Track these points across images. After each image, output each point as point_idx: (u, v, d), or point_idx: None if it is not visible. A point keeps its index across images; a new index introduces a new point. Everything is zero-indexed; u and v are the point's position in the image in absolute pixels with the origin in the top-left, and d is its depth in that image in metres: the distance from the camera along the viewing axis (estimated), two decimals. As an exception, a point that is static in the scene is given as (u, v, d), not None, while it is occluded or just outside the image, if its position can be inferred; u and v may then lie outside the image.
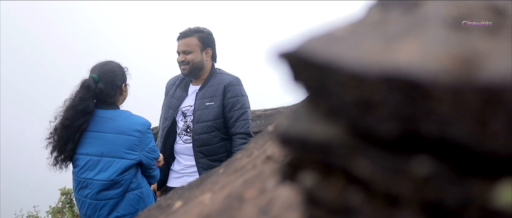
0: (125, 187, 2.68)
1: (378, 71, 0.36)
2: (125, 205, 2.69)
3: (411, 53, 0.37)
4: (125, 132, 2.67)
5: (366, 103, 0.38)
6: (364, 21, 0.49)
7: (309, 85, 0.42)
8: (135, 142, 2.67)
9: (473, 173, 0.36)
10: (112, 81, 2.76)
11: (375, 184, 0.41)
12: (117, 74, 2.79)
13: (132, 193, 2.71)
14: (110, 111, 2.75)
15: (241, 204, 0.84)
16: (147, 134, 2.72)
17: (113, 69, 2.80)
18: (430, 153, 0.37)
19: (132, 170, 2.69)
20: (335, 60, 0.38)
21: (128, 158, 2.65)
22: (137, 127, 2.69)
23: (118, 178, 2.64)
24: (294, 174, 0.49)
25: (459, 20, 0.44)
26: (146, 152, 2.71)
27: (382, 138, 0.39)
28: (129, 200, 2.70)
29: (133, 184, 2.71)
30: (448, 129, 0.35)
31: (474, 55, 0.35)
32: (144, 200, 2.74)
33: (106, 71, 2.78)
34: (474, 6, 0.48)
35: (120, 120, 2.72)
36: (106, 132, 2.68)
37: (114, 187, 2.66)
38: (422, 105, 0.35)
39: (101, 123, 2.70)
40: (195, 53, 3.11)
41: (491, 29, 0.42)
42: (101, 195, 2.66)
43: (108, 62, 2.85)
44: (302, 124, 0.45)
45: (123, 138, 2.66)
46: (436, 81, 0.34)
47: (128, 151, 2.66)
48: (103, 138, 2.67)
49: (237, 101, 3.03)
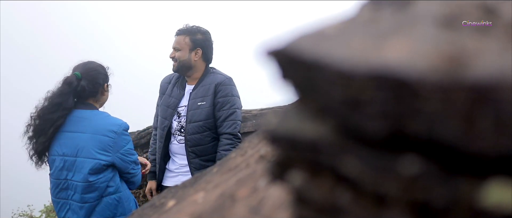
0: (101, 191, 2.61)
1: (366, 69, 0.36)
2: (103, 209, 2.63)
3: (400, 52, 0.36)
4: (100, 132, 2.60)
5: (354, 102, 0.38)
6: (355, 20, 0.49)
7: (297, 83, 0.42)
8: (109, 143, 2.60)
9: (461, 172, 0.36)
10: (95, 79, 2.73)
11: (363, 183, 0.41)
12: (100, 73, 2.77)
13: (110, 197, 2.64)
14: (88, 111, 2.69)
15: (233, 203, 0.83)
16: (123, 135, 2.66)
17: (96, 68, 2.78)
18: (418, 152, 0.37)
19: (107, 172, 2.62)
20: (323, 58, 0.38)
21: (99, 159, 2.58)
22: (112, 127, 2.63)
23: (92, 180, 2.57)
24: (283, 173, 0.49)
25: (450, 19, 0.43)
26: (120, 154, 2.64)
27: (370, 136, 0.38)
28: (107, 204, 2.64)
29: (111, 188, 2.64)
30: (435, 128, 0.34)
31: (463, 54, 0.35)
32: (123, 205, 2.68)
33: (89, 69, 2.75)
34: (465, 5, 0.47)
35: (96, 120, 2.67)
36: (81, 131, 2.63)
37: (89, 190, 2.59)
38: (410, 104, 0.35)
39: (78, 122, 2.65)
40: (183, 51, 3.13)
41: (481, 28, 0.41)
42: (78, 198, 2.60)
43: (91, 62, 2.82)
44: (291, 122, 0.45)
45: (97, 138, 2.59)
46: (423, 80, 0.33)
47: (101, 151, 2.59)
48: (78, 138, 2.61)
49: (226, 101, 3.03)
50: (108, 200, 2.64)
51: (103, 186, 2.61)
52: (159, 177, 3.24)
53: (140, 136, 4.59)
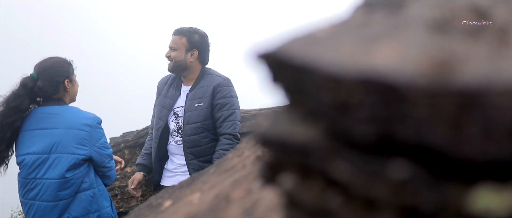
0: (76, 187, 2.57)
1: (355, 73, 0.35)
2: (77, 206, 2.58)
3: (389, 56, 0.36)
4: (74, 127, 2.56)
5: (343, 106, 0.37)
6: (347, 23, 0.49)
7: (287, 86, 0.42)
8: (85, 137, 2.57)
9: (450, 177, 0.36)
10: (51, 78, 2.64)
11: (353, 187, 0.41)
12: (57, 70, 2.66)
13: (84, 193, 2.61)
14: (57, 106, 2.64)
15: (227, 204, 0.83)
16: (97, 129, 2.63)
17: (52, 65, 2.68)
18: (407, 157, 0.37)
19: (83, 168, 2.59)
20: (312, 61, 0.38)
21: (77, 153, 2.54)
22: (87, 121, 2.60)
23: (69, 176, 2.54)
24: (274, 175, 0.49)
25: (442, 23, 0.43)
26: (96, 147, 2.61)
27: (359, 140, 0.38)
28: (81, 200, 2.59)
29: (85, 184, 2.61)
30: (423, 133, 0.34)
31: (452, 59, 0.35)
32: (97, 201, 2.65)
33: (45, 68, 2.67)
34: (457, 8, 0.47)
35: (68, 114, 2.61)
36: (53, 127, 2.57)
37: (64, 187, 2.54)
38: (398, 109, 0.35)
39: (47, 119, 2.59)
40: (179, 51, 3.13)
41: (472, 32, 0.41)
42: (51, 196, 2.53)
43: (48, 59, 2.74)
44: (281, 125, 0.45)
45: (72, 133, 2.55)
46: (411, 85, 0.33)
47: (78, 146, 2.55)
48: (51, 134, 2.56)
49: (226, 102, 3.03)
50: (82, 196, 2.60)
51: (78, 182, 2.57)
52: (155, 177, 3.24)
53: (139, 135, 4.59)
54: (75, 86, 2.77)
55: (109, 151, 2.72)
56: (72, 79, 2.73)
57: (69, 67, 2.74)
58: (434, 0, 0.50)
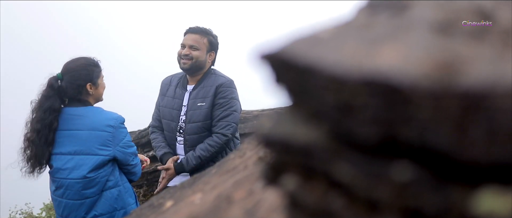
0: (101, 185, 2.62)
1: (358, 75, 0.35)
2: (103, 204, 2.64)
3: (393, 57, 0.36)
4: (97, 128, 2.60)
5: (346, 107, 0.37)
6: (350, 24, 0.49)
7: (291, 87, 0.41)
8: (108, 138, 2.60)
9: (453, 179, 0.36)
10: (73, 80, 2.67)
11: (356, 188, 0.40)
12: (80, 74, 2.68)
13: (110, 191, 2.66)
14: (81, 108, 2.68)
15: (229, 205, 0.83)
16: (120, 128, 2.66)
17: (76, 68, 2.70)
18: (411, 159, 0.37)
19: (107, 167, 2.63)
20: (315, 62, 0.37)
21: (101, 154, 2.59)
22: (109, 122, 2.63)
23: (92, 176, 2.58)
24: (277, 176, 0.49)
25: (445, 24, 0.43)
26: (120, 147, 2.64)
27: (362, 142, 0.38)
28: (107, 198, 2.65)
29: (111, 182, 2.66)
30: (427, 135, 0.34)
31: (456, 61, 0.35)
32: (123, 198, 2.70)
33: (69, 70, 2.70)
34: (461, 10, 0.47)
35: (91, 116, 2.65)
36: (77, 129, 2.62)
37: (90, 186, 2.60)
38: (402, 111, 0.34)
39: (72, 120, 2.64)
40: (201, 51, 3.08)
41: (476, 34, 0.41)
42: (76, 195, 2.60)
43: (75, 59, 2.76)
44: (284, 126, 0.45)
45: (95, 134, 2.59)
46: (415, 86, 0.33)
47: (101, 147, 2.59)
48: (75, 136, 2.61)
49: (225, 102, 3.01)
50: (108, 194, 2.65)
51: (103, 181, 2.62)
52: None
53: (141, 135, 4.60)
54: (99, 89, 2.77)
55: (133, 149, 2.74)
56: (95, 82, 2.73)
57: (93, 70, 2.74)
58: (437, 1, 0.50)
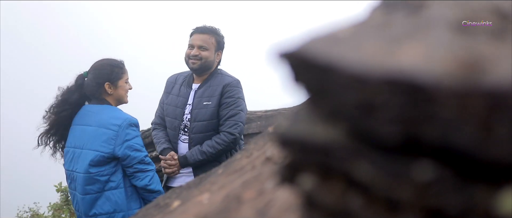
0: (102, 184, 2.65)
1: (381, 73, 0.35)
2: (103, 203, 2.66)
3: (415, 56, 0.36)
4: (104, 125, 2.66)
5: (368, 106, 0.37)
6: (367, 23, 0.49)
7: (310, 86, 0.41)
8: (112, 136, 2.63)
9: (477, 179, 0.35)
10: (94, 78, 2.77)
11: (375, 188, 0.40)
12: (100, 72, 2.78)
13: (111, 192, 2.67)
14: (98, 105, 2.76)
15: (239, 205, 0.83)
16: (127, 129, 2.66)
17: (98, 66, 2.81)
18: (433, 158, 0.37)
19: (109, 166, 2.65)
20: (337, 61, 0.37)
21: (101, 151, 2.63)
22: (116, 121, 2.66)
23: (94, 172, 2.63)
24: (293, 176, 0.49)
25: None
26: (123, 147, 2.64)
27: (383, 141, 0.38)
28: (107, 198, 2.67)
29: (113, 183, 2.67)
30: (451, 134, 0.34)
31: (479, 59, 0.35)
32: (124, 201, 2.69)
33: (93, 68, 2.82)
34: (478, 9, 0.47)
35: (104, 114, 2.71)
36: (87, 124, 2.71)
37: (90, 182, 2.65)
38: (425, 110, 0.34)
39: (87, 116, 2.74)
40: (210, 51, 3.09)
41: (495, 33, 0.41)
42: (80, 189, 2.67)
43: (101, 60, 2.86)
44: (302, 126, 0.45)
45: (101, 131, 2.65)
46: (440, 85, 0.33)
47: (103, 144, 2.63)
48: (85, 131, 2.70)
49: (232, 102, 3.02)
50: (109, 194, 2.67)
51: (103, 179, 2.65)
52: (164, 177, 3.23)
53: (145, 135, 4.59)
54: (119, 90, 2.82)
55: (138, 155, 2.68)
56: (115, 83, 2.80)
57: (114, 71, 2.80)
58: (454, 1, 0.50)
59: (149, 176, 2.71)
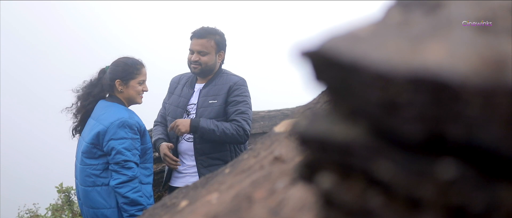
0: (94, 178, 2.70)
1: (405, 72, 0.35)
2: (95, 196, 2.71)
3: (439, 54, 0.36)
4: (101, 121, 2.70)
5: (391, 104, 0.37)
6: (385, 22, 0.49)
7: (332, 85, 0.41)
8: (102, 130, 2.65)
9: (501, 177, 0.35)
10: (109, 74, 2.83)
11: (396, 186, 0.40)
12: (116, 69, 2.82)
13: (102, 188, 2.70)
14: (107, 102, 2.82)
15: (250, 204, 0.83)
16: (118, 128, 2.63)
17: (116, 63, 2.86)
18: (456, 156, 0.37)
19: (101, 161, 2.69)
20: (360, 59, 0.37)
21: (88, 142, 2.69)
22: (112, 118, 2.67)
23: (88, 163, 2.70)
24: (311, 174, 0.49)
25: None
26: (107, 145, 2.63)
27: (406, 140, 0.38)
28: (98, 193, 2.71)
29: (105, 179, 2.71)
30: (476, 132, 0.34)
31: (503, 58, 0.35)
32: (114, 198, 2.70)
33: (113, 63, 2.88)
34: (497, 8, 0.47)
35: (108, 110, 2.75)
36: (93, 118, 2.80)
37: (86, 174, 2.71)
38: (450, 108, 0.34)
39: (96, 111, 2.81)
40: (210, 55, 3.08)
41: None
42: (80, 179, 2.76)
43: (123, 57, 2.91)
44: (321, 124, 0.45)
45: (97, 126, 2.71)
46: (465, 83, 0.33)
47: (94, 137, 2.67)
48: (89, 124, 2.81)
49: (241, 100, 3.03)
50: (100, 189, 2.70)
51: (96, 173, 2.70)
52: (167, 177, 3.23)
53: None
54: (129, 89, 2.83)
55: (118, 157, 2.63)
56: (126, 81, 2.81)
57: (128, 70, 2.82)
58: (472, 0, 0.50)
59: (120, 179, 2.63)
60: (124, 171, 2.63)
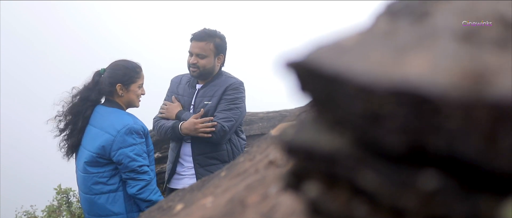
0: (102, 185, 2.67)
1: (387, 84, 0.36)
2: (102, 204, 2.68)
3: (421, 67, 0.36)
4: (105, 129, 2.67)
5: (374, 116, 0.38)
6: (372, 31, 0.49)
7: (316, 96, 0.42)
8: (109, 140, 2.63)
9: (481, 189, 0.36)
10: (107, 78, 2.77)
11: (381, 196, 0.41)
12: (113, 72, 2.78)
13: (110, 195, 2.69)
14: (106, 107, 2.77)
15: (243, 209, 0.83)
16: (126, 135, 2.63)
17: (113, 66, 2.81)
18: (438, 167, 0.37)
19: (108, 168, 2.66)
20: (343, 71, 0.38)
21: (94, 152, 2.65)
22: (117, 126, 2.65)
23: (92, 171, 2.66)
24: (298, 183, 0.49)
25: (470, 32, 0.43)
26: (118, 153, 2.62)
27: (389, 151, 0.38)
28: (106, 200, 2.68)
29: (112, 186, 2.68)
30: (456, 145, 0.34)
31: (485, 70, 0.35)
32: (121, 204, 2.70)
33: (111, 67, 2.82)
34: (483, 18, 0.47)
35: (108, 117, 2.72)
36: (94, 125, 2.73)
37: (91, 182, 2.68)
38: (431, 120, 0.35)
39: (95, 117, 2.75)
40: (209, 58, 3.07)
41: (500, 43, 0.41)
42: (83, 187, 2.73)
43: (118, 60, 2.87)
44: (308, 134, 0.45)
45: (101, 134, 2.66)
46: (445, 96, 0.33)
47: (100, 146, 2.64)
48: (90, 131, 2.73)
49: (230, 99, 3.02)
50: (108, 197, 2.68)
51: (103, 181, 2.67)
52: (169, 178, 3.23)
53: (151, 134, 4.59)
54: (130, 93, 2.80)
55: (132, 164, 2.63)
56: (127, 85, 2.78)
57: (128, 74, 2.79)
58: (459, 9, 0.50)
59: (139, 185, 2.64)
60: (141, 176, 2.65)
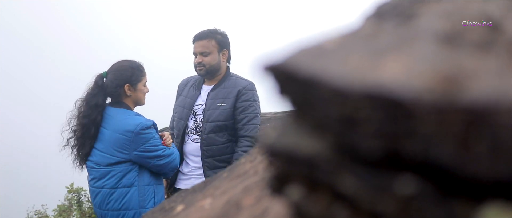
0: (116, 180, 2.72)
1: (361, 88, 0.35)
2: (115, 199, 2.73)
3: (396, 70, 0.36)
4: (118, 131, 2.70)
5: (350, 120, 0.37)
6: (356, 33, 0.48)
7: (294, 99, 0.41)
8: (126, 142, 2.68)
9: (457, 194, 0.35)
10: (113, 79, 2.79)
11: (359, 201, 0.40)
12: (119, 74, 2.80)
13: (125, 190, 2.73)
14: (115, 108, 2.80)
15: (237, 211, 0.83)
16: (140, 135, 2.70)
17: (118, 68, 2.84)
18: (415, 172, 0.37)
19: (125, 165, 2.72)
20: (319, 75, 0.37)
21: (115, 156, 2.70)
22: (129, 127, 2.69)
23: (108, 169, 2.72)
24: (281, 186, 0.49)
25: (452, 35, 0.43)
26: (138, 151, 2.70)
27: (366, 155, 0.38)
28: (120, 195, 2.73)
29: (128, 181, 2.73)
30: (430, 150, 0.34)
31: (460, 74, 0.34)
32: (137, 199, 2.75)
33: (115, 69, 2.84)
34: (470, 20, 0.47)
35: (119, 118, 2.75)
36: (105, 128, 2.76)
37: (106, 177, 2.73)
38: (405, 125, 0.34)
39: (105, 119, 2.78)
40: (213, 54, 3.10)
41: (483, 45, 0.41)
42: (96, 183, 2.76)
43: (120, 61, 2.90)
44: (289, 138, 0.45)
45: (115, 136, 2.70)
46: (418, 101, 0.33)
47: (118, 149, 2.69)
48: (103, 134, 2.76)
49: (250, 106, 3.04)
50: (122, 191, 2.73)
51: (118, 176, 2.72)
52: (172, 179, 3.24)
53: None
54: (138, 92, 2.85)
55: (155, 153, 2.75)
56: (134, 85, 2.83)
57: (134, 73, 2.83)
58: (446, 11, 0.50)
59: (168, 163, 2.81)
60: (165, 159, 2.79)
